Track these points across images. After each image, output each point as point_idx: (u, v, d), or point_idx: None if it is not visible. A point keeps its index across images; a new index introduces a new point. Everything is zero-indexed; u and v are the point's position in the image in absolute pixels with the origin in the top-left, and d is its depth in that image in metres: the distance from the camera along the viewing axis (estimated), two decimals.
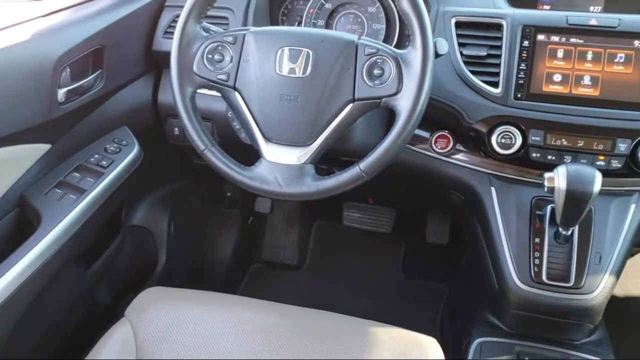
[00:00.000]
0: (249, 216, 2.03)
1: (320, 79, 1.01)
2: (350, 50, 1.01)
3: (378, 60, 1.00)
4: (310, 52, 1.01)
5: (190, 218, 1.88)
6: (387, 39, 1.38)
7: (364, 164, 1.00)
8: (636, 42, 1.11)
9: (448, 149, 1.26)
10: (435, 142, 1.27)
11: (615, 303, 1.81)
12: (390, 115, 1.27)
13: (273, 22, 1.45)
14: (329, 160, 1.30)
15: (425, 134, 1.28)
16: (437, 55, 1.04)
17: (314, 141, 1.03)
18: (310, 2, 1.41)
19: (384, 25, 1.38)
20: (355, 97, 1.01)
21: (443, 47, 1.04)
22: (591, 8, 1.32)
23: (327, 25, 1.42)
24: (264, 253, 2.10)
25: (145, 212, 1.65)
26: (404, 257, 2.06)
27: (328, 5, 1.41)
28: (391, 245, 2.07)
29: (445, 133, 1.27)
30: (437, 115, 1.21)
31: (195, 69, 1.06)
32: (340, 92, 1.01)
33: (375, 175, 1.02)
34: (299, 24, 1.44)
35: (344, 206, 2.05)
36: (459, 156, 1.26)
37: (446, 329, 1.75)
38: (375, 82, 1.00)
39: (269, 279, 2.06)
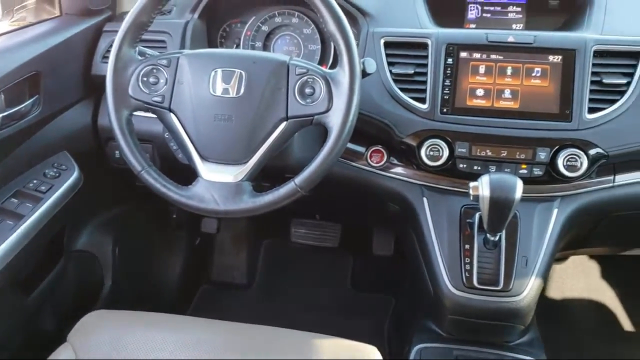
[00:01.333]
0: (196, 237, 2.04)
1: (254, 98, 1.04)
2: (282, 70, 1.05)
3: (309, 80, 1.04)
4: (243, 73, 1.05)
5: (136, 241, 1.87)
6: (322, 59, 1.43)
7: (299, 179, 1.04)
8: (551, 57, 1.18)
9: (382, 162, 1.31)
10: (371, 156, 1.32)
11: (552, 305, 1.90)
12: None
13: (211, 45, 1.48)
14: (271, 178, 1.34)
15: (361, 149, 1.32)
16: (366, 74, 1.09)
17: (250, 159, 1.06)
18: (248, 24, 1.46)
19: (319, 46, 1.43)
20: (289, 115, 1.05)
21: (371, 66, 1.10)
22: (514, 26, 1.41)
23: (265, 47, 1.46)
24: (212, 274, 2.11)
25: (89, 236, 1.64)
26: (353, 271, 2.09)
27: (265, 28, 1.45)
28: (339, 260, 2.11)
29: (380, 148, 1.32)
30: (371, 131, 1.27)
31: (130, 91, 1.08)
32: (273, 111, 1.05)
33: (317, 190, 1.06)
34: (237, 46, 1.48)
35: (291, 223, 2.08)
36: (393, 169, 1.31)
37: (393, 339, 1.79)
38: (307, 100, 1.04)
39: (218, 299, 2.06)
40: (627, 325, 1.86)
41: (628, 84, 1.16)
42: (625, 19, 1.25)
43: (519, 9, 1.41)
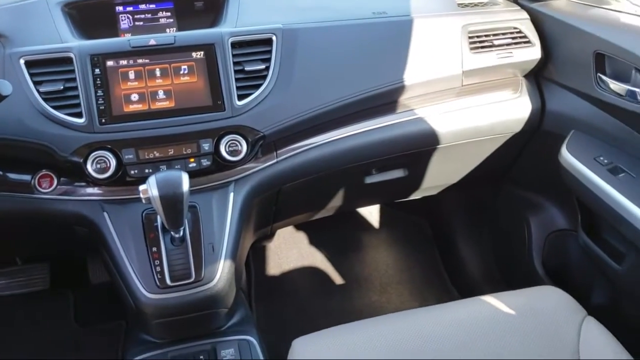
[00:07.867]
0: None
1: None
2: None
3: None
4: None
5: None
6: None
7: None
8: (194, 54, 1.25)
9: (54, 187, 1.24)
10: (40, 183, 1.24)
11: (272, 279, 2.04)
12: None
13: None
14: None
15: (27, 178, 1.24)
16: (1, 97, 1.02)
17: None
18: None
19: None
20: None
21: (6, 88, 1.03)
22: (167, 30, 1.44)
23: None
24: None
25: None
26: (74, 307, 1.96)
27: None
28: (56, 300, 1.95)
29: (48, 172, 1.24)
30: (31, 156, 1.19)
31: None
32: None
33: None
34: None
35: None
36: (68, 191, 1.25)
37: None
38: None
39: None
40: (337, 279, 2.09)
41: (267, 68, 1.28)
42: (257, 13, 1.38)
43: (168, 14, 1.44)
